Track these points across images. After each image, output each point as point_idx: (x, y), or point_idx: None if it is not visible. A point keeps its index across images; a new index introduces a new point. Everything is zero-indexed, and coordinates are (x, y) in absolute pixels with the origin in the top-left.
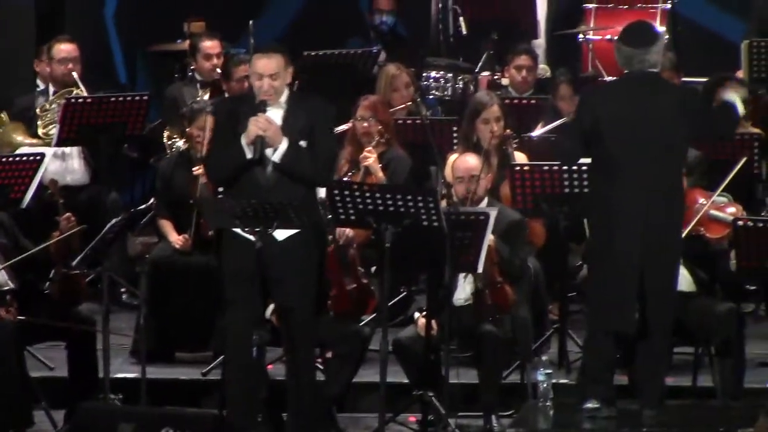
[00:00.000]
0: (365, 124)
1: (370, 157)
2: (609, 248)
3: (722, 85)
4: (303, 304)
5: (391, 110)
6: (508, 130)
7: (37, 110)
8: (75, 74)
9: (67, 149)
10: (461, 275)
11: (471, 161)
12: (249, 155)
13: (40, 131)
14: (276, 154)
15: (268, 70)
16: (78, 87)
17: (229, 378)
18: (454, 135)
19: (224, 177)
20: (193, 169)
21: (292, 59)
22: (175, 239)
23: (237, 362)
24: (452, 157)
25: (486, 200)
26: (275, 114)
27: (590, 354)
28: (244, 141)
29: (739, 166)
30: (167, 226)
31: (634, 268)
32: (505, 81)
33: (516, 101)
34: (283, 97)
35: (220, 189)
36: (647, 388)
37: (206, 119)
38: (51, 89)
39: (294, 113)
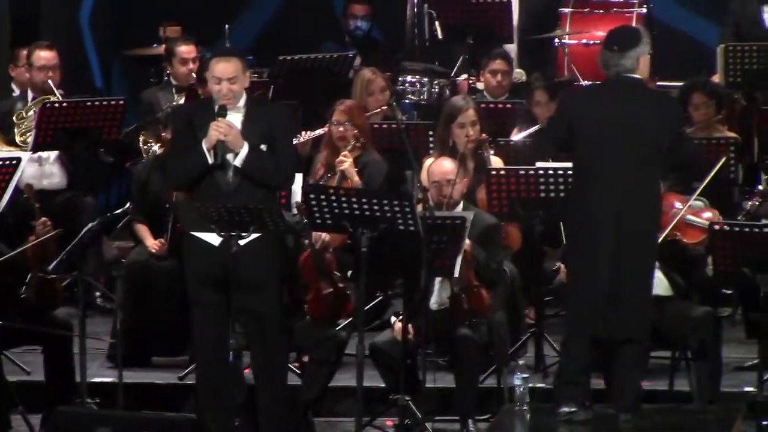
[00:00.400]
0: (341, 129)
1: (346, 162)
2: (585, 251)
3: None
4: (270, 308)
5: (367, 114)
6: (483, 135)
7: (14, 118)
8: (50, 82)
9: (44, 153)
10: (437, 280)
11: (447, 165)
12: (210, 160)
13: (18, 139)
14: (237, 158)
15: (227, 74)
16: (54, 94)
17: (199, 381)
18: (430, 139)
19: (184, 182)
20: None
21: (250, 65)
22: (151, 244)
23: (205, 365)
24: (428, 162)
25: (462, 204)
26: (234, 118)
27: (566, 357)
28: (204, 145)
29: (715, 170)
30: (143, 231)
31: (611, 273)
32: (480, 85)
33: (492, 105)
34: (241, 102)
35: None
36: (623, 393)
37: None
38: (30, 95)
39: (253, 117)
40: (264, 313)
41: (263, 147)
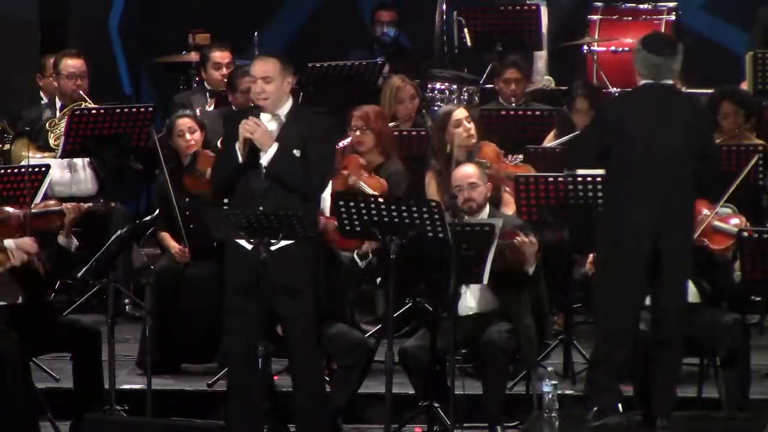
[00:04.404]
0: (357, 134)
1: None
2: (623, 258)
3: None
4: (301, 315)
5: (397, 122)
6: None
7: (47, 125)
8: (81, 92)
9: (75, 160)
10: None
11: (468, 169)
12: (240, 159)
13: (52, 142)
14: (264, 158)
15: (260, 73)
16: (86, 101)
17: (231, 388)
18: None
19: (221, 185)
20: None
21: (294, 70)
22: (175, 251)
23: (238, 372)
24: (428, 176)
25: (487, 209)
26: (273, 125)
27: (600, 361)
28: (237, 146)
29: (742, 176)
30: (167, 238)
31: (650, 277)
32: None
33: (512, 112)
34: (285, 110)
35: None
36: (662, 397)
37: (180, 122)
38: (58, 103)
39: (293, 122)
40: (299, 318)
41: (296, 152)
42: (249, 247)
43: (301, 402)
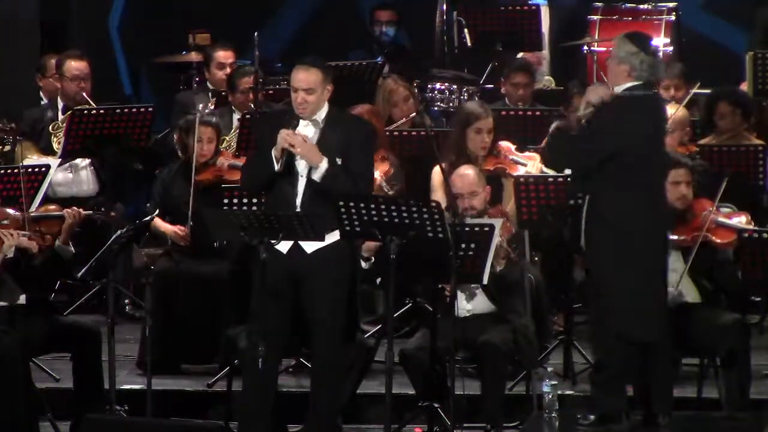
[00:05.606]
0: None
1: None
2: (635, 261)
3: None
4: (330, 319)
5: (394, 125)
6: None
7: (50, 128)
8: (84, 94)
9: (77, 160)
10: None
11: (470, 177)
12: (276, 167)
13: (56, 146)
14: (316, 173)
15: (303, 84)
16: (89, 104)
17: (247, 391)
18: None
19: (252, 186)
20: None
21: (332, 77)
22: (173, 230)
23: (256, 374)
24: (437, 168)
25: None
26: (310, 130)
27: (613, 365)
28: (273, 153)
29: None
30: (161, 224)
31: (661, 281)
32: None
33: (512, 113)
34: (322, 114)
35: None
36: (664, 396)
37: (204, 129)
38: (60, 104)
39: (330, 130)
40: (329, 321)
41: (338, 161)
42: (284, 250)
43: (316, 403)
